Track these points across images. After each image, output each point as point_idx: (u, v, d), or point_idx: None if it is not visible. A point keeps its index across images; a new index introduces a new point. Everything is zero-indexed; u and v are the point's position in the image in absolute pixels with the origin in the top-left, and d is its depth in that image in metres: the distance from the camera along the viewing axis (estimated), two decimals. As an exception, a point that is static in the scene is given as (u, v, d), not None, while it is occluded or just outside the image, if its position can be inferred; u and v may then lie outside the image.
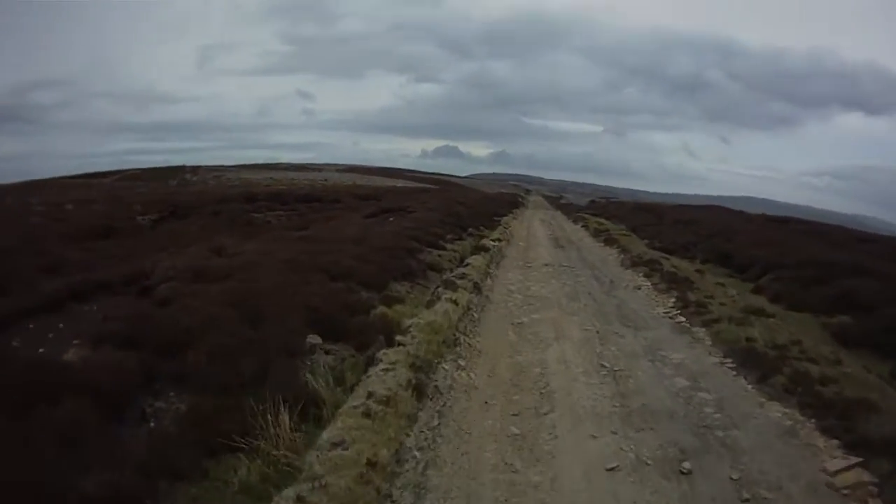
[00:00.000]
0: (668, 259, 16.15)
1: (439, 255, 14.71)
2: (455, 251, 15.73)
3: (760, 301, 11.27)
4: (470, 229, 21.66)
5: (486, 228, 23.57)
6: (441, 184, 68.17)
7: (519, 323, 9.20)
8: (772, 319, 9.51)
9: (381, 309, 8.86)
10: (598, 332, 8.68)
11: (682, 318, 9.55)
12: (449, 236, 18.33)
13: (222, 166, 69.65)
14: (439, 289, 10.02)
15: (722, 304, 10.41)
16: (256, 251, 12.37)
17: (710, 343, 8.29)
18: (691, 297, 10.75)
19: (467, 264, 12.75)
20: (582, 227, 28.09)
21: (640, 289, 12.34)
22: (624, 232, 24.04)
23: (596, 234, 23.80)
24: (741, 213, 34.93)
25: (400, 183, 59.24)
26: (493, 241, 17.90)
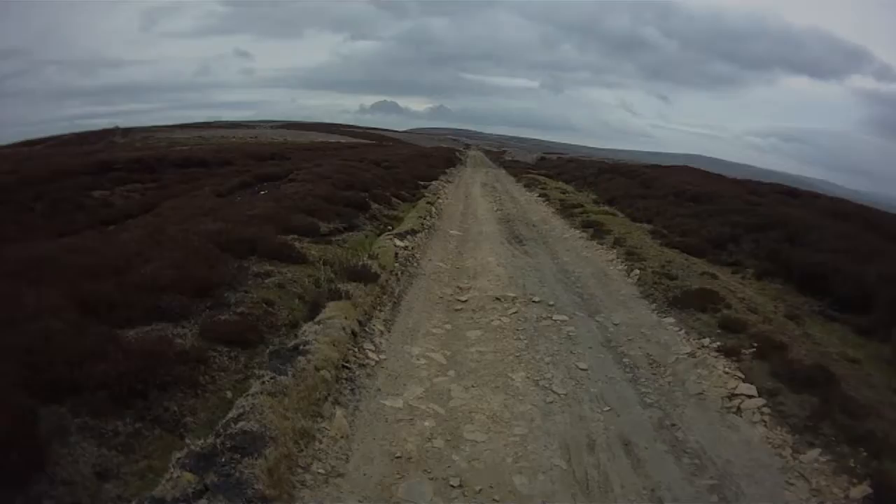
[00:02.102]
0: (714, 277, 8.81)
1: (280, 287, 6.80)
2: (319, 262, 7.87)
3: None
4: (375, 206, 13.69)
5: (402, 201, 15.68)
6: (377, 139, 65.90)
7: None
8: None
9: None
10: None
11: None
12: (330, 225, 10.39)
13: (156, 126, 66.04)
14: None
15: None
16: None
17: None
18: None
19: (304, 345, 4.81)
20: (540, 196, 20.39)
21: (755, 423, 4.78)
22: (604, 209, 16.58)
23: (565, 210, 16.21)
24: (725, 178, 27.94)
25: (333, 138, 56.21)
26: (402, 236, 10.01)
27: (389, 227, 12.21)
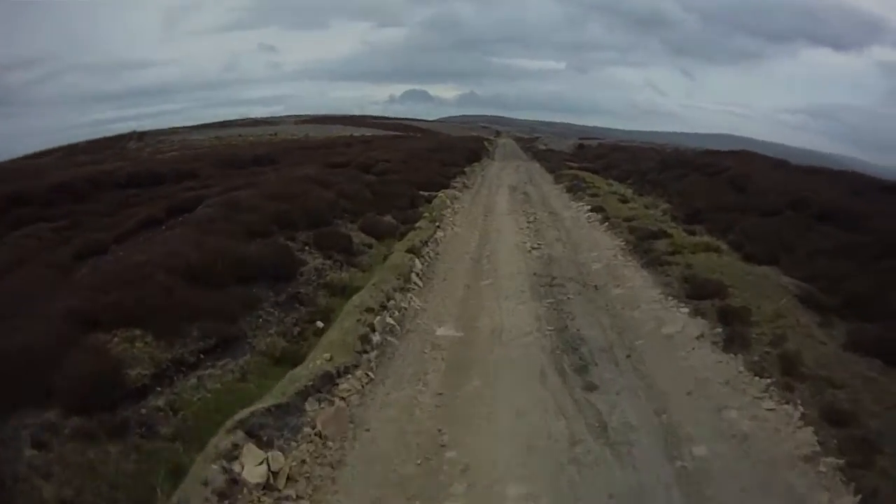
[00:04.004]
0: None
1: None
2: None
3: None
4: (314, 263, 7.70)
5: (378, 240, 9.65)
6: (404, 129, 62.36)
7: None
8: None
9: None
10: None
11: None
12: (134, 370, 4.47)
13: (174, 128, 63.05)
14: None
15: None
16: None
17: None
18: None
19: None
20: (593, 210, 13.97)
21: None
22: (704, 240, 10.18)
23: (640, 243, 9.90)
24: (790, 165, 20.45)
25: (359, 131, 52.72)
26: (270, 437, 3.93)
27: (319, 324, 6.23)
